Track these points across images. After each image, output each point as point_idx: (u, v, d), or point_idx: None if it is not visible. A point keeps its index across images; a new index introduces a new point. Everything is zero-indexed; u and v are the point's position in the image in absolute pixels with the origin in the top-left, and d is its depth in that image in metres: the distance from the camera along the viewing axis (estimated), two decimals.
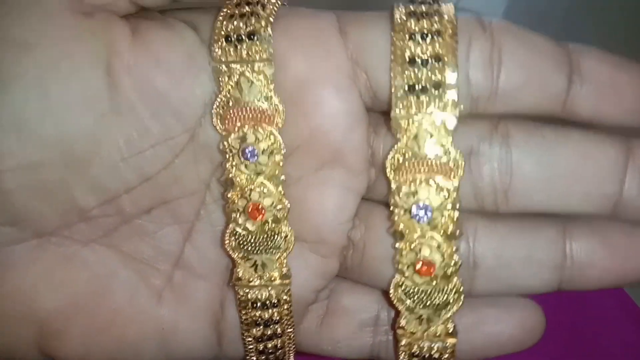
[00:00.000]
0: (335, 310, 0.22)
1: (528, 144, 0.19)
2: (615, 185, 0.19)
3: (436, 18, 0.18)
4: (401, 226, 0.19)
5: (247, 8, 0.19)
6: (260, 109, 0.19)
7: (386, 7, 0.20)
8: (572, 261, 0.20)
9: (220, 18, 0.19)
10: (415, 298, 0.19)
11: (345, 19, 0.19)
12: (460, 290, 0.19)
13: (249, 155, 0.19)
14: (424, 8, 0.19)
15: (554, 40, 0.19)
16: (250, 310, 0.20)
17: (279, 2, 0.19)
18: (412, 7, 0.19)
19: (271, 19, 0.19)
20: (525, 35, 0.19)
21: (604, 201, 0.19)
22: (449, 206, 0.19)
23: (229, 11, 0.19)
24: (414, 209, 0.19)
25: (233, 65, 0.18)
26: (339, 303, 0.22)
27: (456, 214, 0.19)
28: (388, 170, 0.19)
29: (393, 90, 0.18)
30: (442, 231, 0.19)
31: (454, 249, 0.19)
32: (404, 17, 0.19)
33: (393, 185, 0.19)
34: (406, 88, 0.18)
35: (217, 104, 0.19)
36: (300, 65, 0.19)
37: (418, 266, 0.19)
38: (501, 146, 0.19)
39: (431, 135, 0.18)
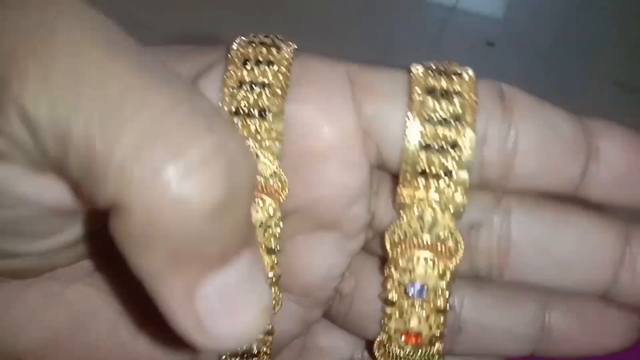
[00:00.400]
0: (311, 349, 0.22)
1: (528, 225, 0.19)
2: (609, 274, 0.19)
3: (456, 100, 0.17)
4: (393, 295, 0.19)
5: (256, 72, 0.17)
6: (263, 183, 0.18)
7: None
8: (549, 334, 0.20)
9: (229, 88, 0.17)
10: (398, 358, 0.20)
11: (360, 83, 0.18)
12: (441, 352, 0.20)
13: None
14: (443, 83, 0.18)
15: (574, 120, 0.18)
16: (229, 357, 0.20)
17: (292, 51, 0.18)
18: (430, 81, 0.18)
19: (285, 94, 0.17)
20: (546, 116, 0.18)
21: (596, 287, 0.19)
22: (444, 285, 0.18)
23: (236, 73, 0.17)
24: (409, 288, 0.19)
25: None
26: (315, 342, 0.22)
27: (449, 291, 0.19)
28: (387, 243, 0.18)
29: (402, 169, 0.18)
30: (432, 304, 0.19)
31: (441, 321, 0.19)
32: (421, 96, 0.18)
33: (389, 256, 0.19)
34: (418, 171, 0.18)
35: None
36: (308, 136, 0.18)
37: (404, 336, 0.19)
38: (502, 224, 0.19)
39: (436, 219, 0.18)
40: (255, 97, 0.17)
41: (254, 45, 0.18)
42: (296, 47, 0.18)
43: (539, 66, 0.68)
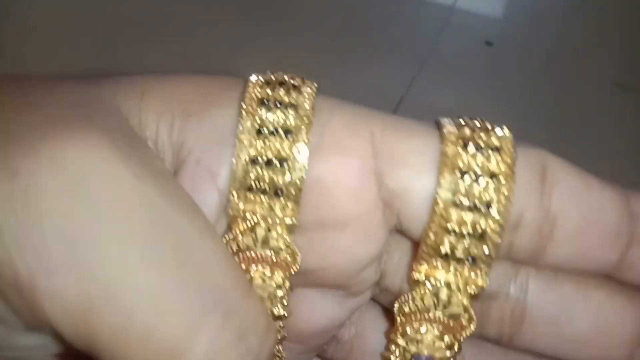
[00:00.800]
0: None
1: (545, 297, 0.18)
2: (624, 354, 0.18)
3: (491, 185, 0.16)
4: (396, 359, 0.18)
5: (272, 146, 0.16)
6: (274, 257, 0.17)
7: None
8: None
9: (242, 161, 0.16)
10: None
11: (383, 151, 0.17)
12: None
13: None
14: (479, 162, 0.16)
15: (619, 201, 0.17)
16: None
17: (312, 106, 0.16)
18: (464, 159, 0.16)
19: (305, 172, 0.16)
20: (589, 200, 0.17)
21: None
22: (451, 355, 0.17)
23: (249, 145, 0.16)
24: None
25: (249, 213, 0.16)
26: None
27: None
28: (395, 311, 0.17)
29: (422, 249, 0.16)
30: None
31: None
32: (452, 177, 0.16)
33: (397, 322, 0.18)
34: (441, 253, 0.16)
35: (224, 242, 0.16)
36: (325, 206, 0.17)
37: None
38: (518, 295, 0.18)
39: (451, 298, 0.17)
40: (272, 174, 0.16)
41: (267, 103, 0.16)
42: (315, 87, 0.17)
43: (539, 66, 0.68)
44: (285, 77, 0.17)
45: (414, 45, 0.66)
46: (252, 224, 0.16)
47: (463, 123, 0.17)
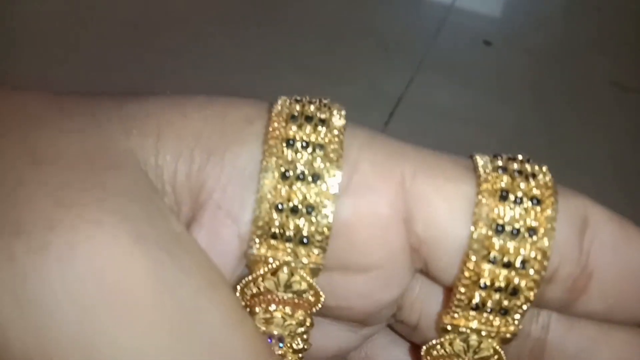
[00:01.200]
0: None
1: (565, 339, 0.18)
2: None
3: (529, 240, 0.15)
4: None
5: (298, 193, 0.15)
6: (296, 299, 0.16)
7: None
8: None
9: (266, 208, 0.15)
10: None
11: (414, 195, 0.16)
12: None
13: (272, 342, 0.16)
14: (517, 212, 0.15)
15: None
16: None
17: (340, 147, 0.15)
18: (503, 212, 0.15)
19: (332, 219, 0.15)
20: (627, 261, 0.16)
21: None
22: None
23: (274, 190, 0.15)
24: None
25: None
26: None
27: None
28: (423, 353, 0.17)
29: (453, 300, 0.16)
30: None
31: None
32: (485, 231, 0.15)
33: None
34: (473, 305, 0.16)
35: (244, 283, 0.16)
36: (351, 251, 0.16)
37: None
38: (538, 337, 0.18)
39: (481, 344, 0.16)
40: (297, 221, 0.15)
41: (293, 144, 0.15)
42: (344, 116, 0.16)
43: (536, 65, 0.68)
44: (312, 108, 0.16)
45: (412, 45, 0.66)
46: (274, 267, 0.16)
47: (501, 164, 0.16)
